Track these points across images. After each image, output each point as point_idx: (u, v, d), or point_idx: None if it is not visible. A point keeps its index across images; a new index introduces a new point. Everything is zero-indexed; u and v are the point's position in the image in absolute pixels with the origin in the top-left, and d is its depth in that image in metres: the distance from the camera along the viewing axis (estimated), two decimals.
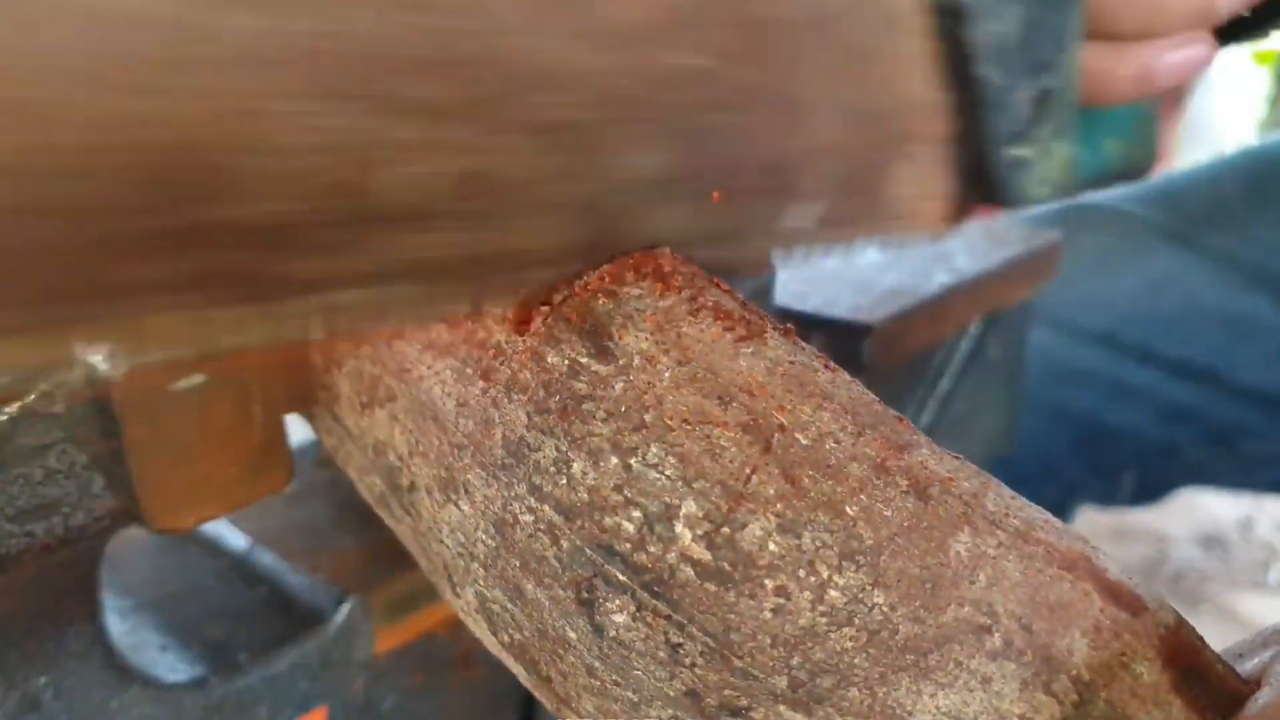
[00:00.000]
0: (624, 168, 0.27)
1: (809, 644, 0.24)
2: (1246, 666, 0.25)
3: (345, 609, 0.36)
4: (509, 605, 0.27)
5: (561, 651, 0.27)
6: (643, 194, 0.28)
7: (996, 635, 0.23)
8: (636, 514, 0.25)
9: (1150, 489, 0.82)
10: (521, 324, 0.27)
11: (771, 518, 0.24)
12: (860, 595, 0.24)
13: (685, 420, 0.25)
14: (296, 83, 0.22)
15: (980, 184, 0.35)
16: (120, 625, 0.36)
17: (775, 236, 0.32)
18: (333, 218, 0.23)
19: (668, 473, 0.25)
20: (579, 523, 0.25)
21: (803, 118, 0.31)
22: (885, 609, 0.24)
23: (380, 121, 0.23)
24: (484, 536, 0.27)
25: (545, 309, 0.27)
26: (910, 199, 0.34)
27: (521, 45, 0.24)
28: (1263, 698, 0.23)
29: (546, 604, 0.26)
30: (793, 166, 0.31)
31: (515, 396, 0.27)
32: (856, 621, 0.24)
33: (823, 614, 0.24)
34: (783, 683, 0.24)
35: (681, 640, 0.25)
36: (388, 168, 0.24)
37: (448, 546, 0.28)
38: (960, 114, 0.34)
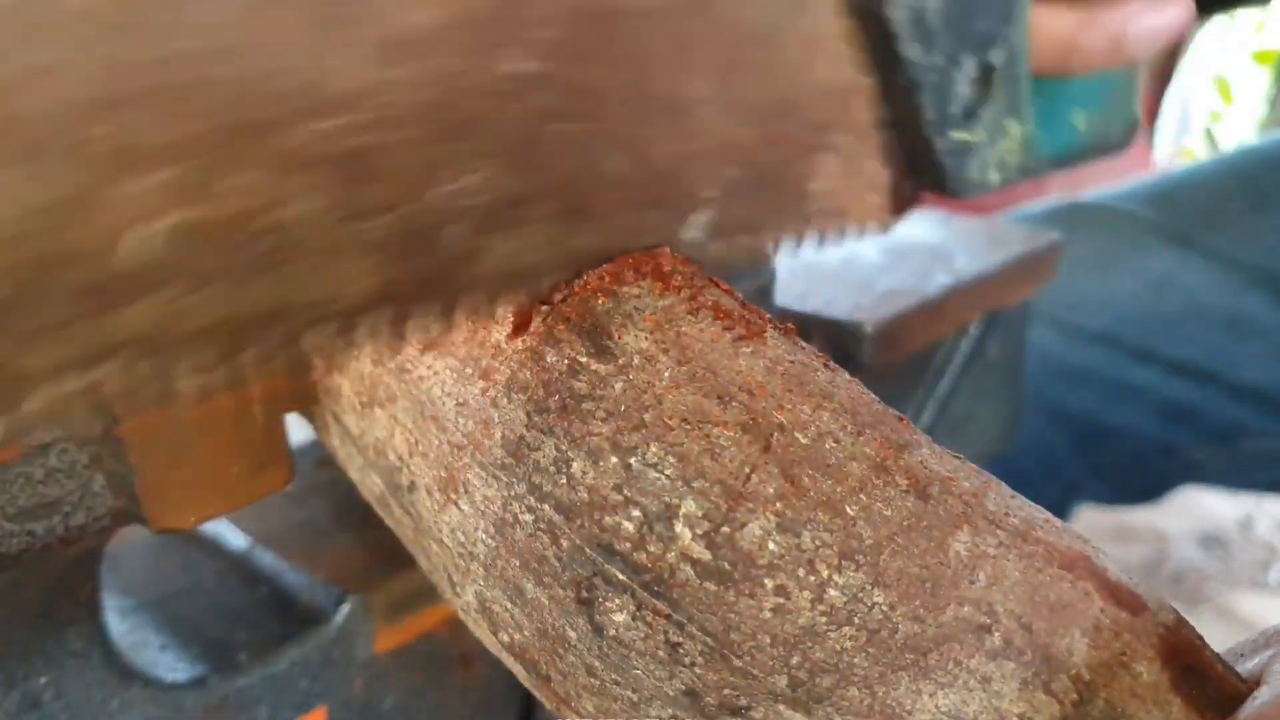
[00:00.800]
0: (441, 195, 0.23)
1: (808, 643, 0.24)
2: (1247, 666, 0.25)
3: (345, 609, 0.36)
4: (509, 605, 0.27)
5: (561, 651, 0.27)
6: (473, 222, 0.24)
7: (996, 634, 0.23)
8: (636, 513, 0.25)
9: (1150, 488, 0.82)
10: (518, 329, 0.27)
11: (771, 517, 0.24)
12: (860, 594, 0.24)
13: (685, 419, 0.25)
14: None
15: (924, 172, 0.31)
16: (120, 624, 0.36)
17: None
18: (44, 296, 0.20)
19: (667, 472, 0.25)
20: (579, 522, 0.25)
21: (679, 117, 0.27)
22: (885, 608, 0.24)
23: (88, 174, 0.19)
24: (484, 536, 0.27)
25: (544, 308, 0.27)
26: (840, 193, 0.30)
27: (282, 66, 0.21)
28: (1261, 697, 0.23)
29: (546, 603, 0.26)
30: (669, 174, 0.27)
31: (515, 396, 0.27)
32: (856, 621, 0.24)
33: (822, 613, 0.24)
34: (782, 682, 0.24)
35: (681, 639, 0.25)
36: (109, 228, 0.20)
37: (448, 546, 0.28)
38: (892, 97, 0.30)
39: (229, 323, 0.22)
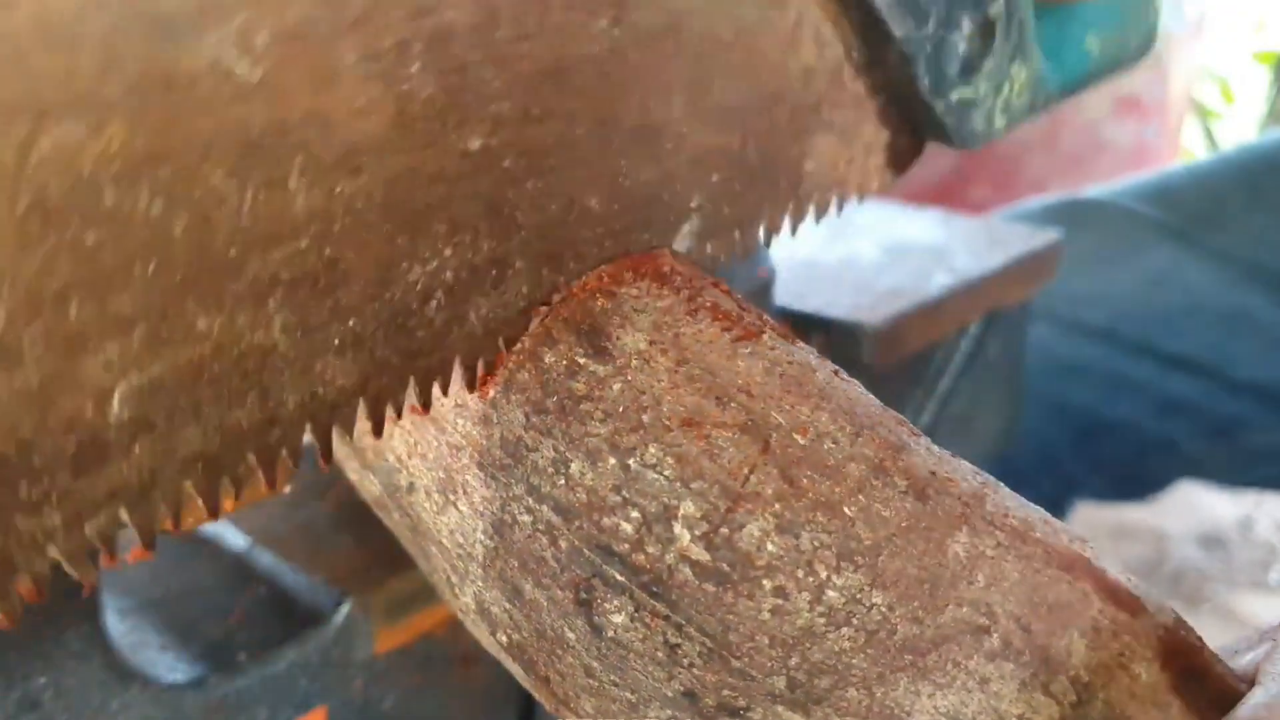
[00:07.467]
0: (415, 277, 0.24)
1: (807, 644, 0.24)
2: (1241, 663, 0.25)
3: (345, 609, 0.36)
4: (507, 606, 0.27)
5: (560, 652, 0.27)
6: (452, 291, 0.25)
7: (995, 636, 0.23)
8: (635, 514, 0.25)
9: (1149, 483, 0.82)
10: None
11: (770, 518, 0.24)
12: (858, 595, 0.24)
13: (683, 420, 0.25)
14: None
15: (926, 129, 0.31)
16: (120, 625, 0.36)
17: None
18: (43, 463, 0.20)
19: (666, 473, 0.25)
20: (577, 523, 0.25)
21: (654, 142, 0.27)
22: (883, 609, 0.24)
23: (64, 354, 0.20)
24: (482, 537, 0.27)
25: (543, 309, 0.27)
26: (839, 165, 0.30)
27: (219, 219, 0.21)
28: (1255, 697, 0.23)
29: (545, 604, 0.26)
30: (648, 196, 0.27)
31: (513, 397, 0.27)
32: (855, 622, 0.24)
33: (821, 614, 0.24)
34: (781, 683, 0.24)
35: (679, 640, 0.25)
36: (94, 393, 0.20)
37: (446, 548, 0.28)
38: (885, 68, 0.29)
39: (219, 444, 0.23)
